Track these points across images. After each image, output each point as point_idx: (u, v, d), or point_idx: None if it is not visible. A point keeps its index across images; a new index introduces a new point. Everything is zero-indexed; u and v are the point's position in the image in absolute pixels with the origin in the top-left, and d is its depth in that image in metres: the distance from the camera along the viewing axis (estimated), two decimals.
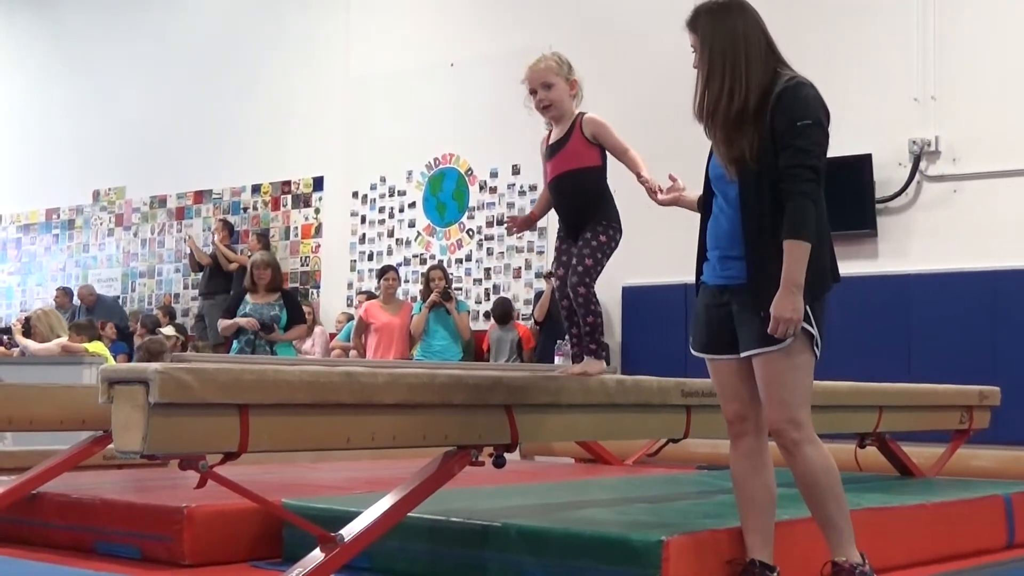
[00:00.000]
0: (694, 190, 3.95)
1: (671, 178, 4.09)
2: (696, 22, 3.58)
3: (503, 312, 11.59)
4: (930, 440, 6.50)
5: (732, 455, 3.65)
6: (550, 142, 4.31)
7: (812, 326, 3.44)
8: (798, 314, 3.36)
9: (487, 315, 12.22)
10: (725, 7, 3.57)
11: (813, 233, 3.39)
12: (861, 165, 10.00)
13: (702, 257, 3.69)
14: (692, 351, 3.72)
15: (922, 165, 10.07)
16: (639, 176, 4.13)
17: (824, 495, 3.49)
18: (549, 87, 4.22)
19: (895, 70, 10.18)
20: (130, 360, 12.51)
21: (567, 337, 4.32)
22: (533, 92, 4.25)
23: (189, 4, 15.42)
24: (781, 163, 3.42)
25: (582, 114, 4.27)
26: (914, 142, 10.03)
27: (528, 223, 4.52)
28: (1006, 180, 9.71)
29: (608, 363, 4.35)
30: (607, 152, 4.26)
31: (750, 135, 3.45)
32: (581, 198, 4.21)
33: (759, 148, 3.44)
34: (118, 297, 15.77)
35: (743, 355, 3.52)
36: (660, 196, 4.09)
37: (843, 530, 3.51)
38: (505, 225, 4.76)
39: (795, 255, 3.37)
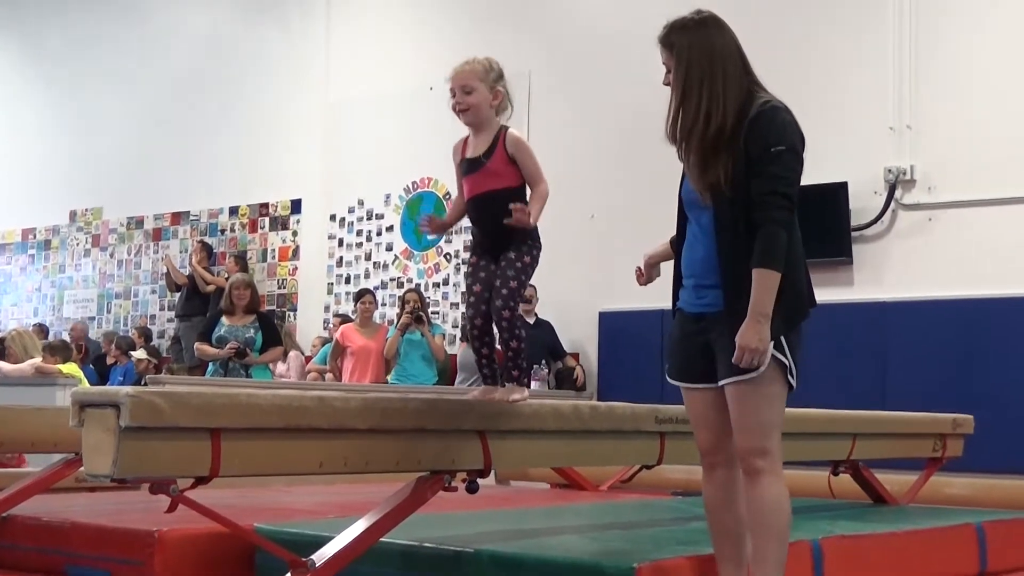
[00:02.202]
0: (660, 239, 3.89)
1: (640, 270, 3.96)
2: (670, 38, 3.47)
3: None
4: (904, 468, 6.52)
5: (705, 485, 3.59)
6: (468, 155, 4.15)
7: (785, 356, 3.37)
8: (764, 344, 3.28)
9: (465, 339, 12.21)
10: (702, 23, 3.47)
11: (783, 262, 3.31)
12: (837, 193, 10.03)
13: (678, 283, 3.62)
14: (668, 378, 3.64)
15: (897, 193, 10.12)
16: (524, 212, 3.93)
17: (767, 531, 3.39)
18: (469, 91, 4.09)
19: (871, 99, 10.23)
20: (103, 382, 12.46)
21: (478, 360, 4.13)
22: (453, 93, 4.13)
23: (168, 26, 15.41)
24: (753, 190, 3.34)
25: (506, 128, 4.13)
26: (890, 170, 10.08)
27: (443, 227, 4.41)
28: (981, 209, 9.75)
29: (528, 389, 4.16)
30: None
31: (724, 160, 3.36)
32: (500, 218, 3.99)
33: (733, 174, 3.35)
34: (93, 318, 15.70)
35: (720, 384, 3.45)
36: (642, 280, 3.96)
37: (770, 573, 3.39)
38: (420, 223, 4.57)
39: (763, 284, 3.29)
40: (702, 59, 3.40)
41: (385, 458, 3.59)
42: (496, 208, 4.03)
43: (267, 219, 14.39)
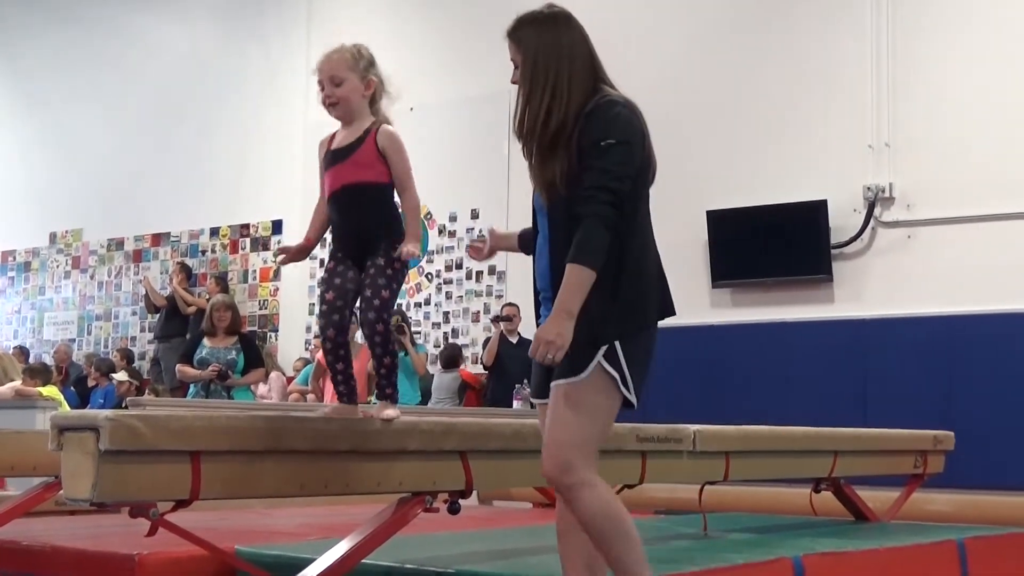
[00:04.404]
0: (520, 226, 3.64)
1: (488, 232, 3.75)
2: (518, 33, 3.32)
3: (450, 356, 11.59)
4: (885, 484, 6.53)
5: (558, 508, 3.34)
6: (333, 146, 3.86)
7: (613, 366, 3.13)
8: (562, 340, 3.04)
9: None
10: (551, 18, 3.32)
11: (600, 259, 3.09)
12: (817, 211, 10.07)
13: (536, 296, 3.39)
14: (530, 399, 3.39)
15: (877, 211, 10.17)
16: (409, 252, 3.64)
17: (610, 539, 3.18)
18: (339, 83, 3.82)
19: (850, 118, 10.29)
20: (85, 404, 12.41)
21: (333, 376, 3.83)
22: (322, 86, 3.84)
23: (149, 46, 15.40)
24: (582, 185, 3.14)
25: (380, 123, 3.90)
26: (869, 188, 10.14)
27: (301, 253, 3.98)
28: (959, 226, 9.82)
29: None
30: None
31: (561, 157, 3.17)
32: (366, 216, 3.77)
33: (568, 172, 3.17)
34: (73, 340, 15.65)
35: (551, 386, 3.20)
36: (477, 256, 3.75)
37: (637, 574, 3.21)
38: (275, 254, 4.25)
39: (573, 280, 3.07)
40: (549, 56, 3.25)
41: (366, 479, 3.58)
42: (359, 203, 3.77)
43: (248, 240, 14.38)
